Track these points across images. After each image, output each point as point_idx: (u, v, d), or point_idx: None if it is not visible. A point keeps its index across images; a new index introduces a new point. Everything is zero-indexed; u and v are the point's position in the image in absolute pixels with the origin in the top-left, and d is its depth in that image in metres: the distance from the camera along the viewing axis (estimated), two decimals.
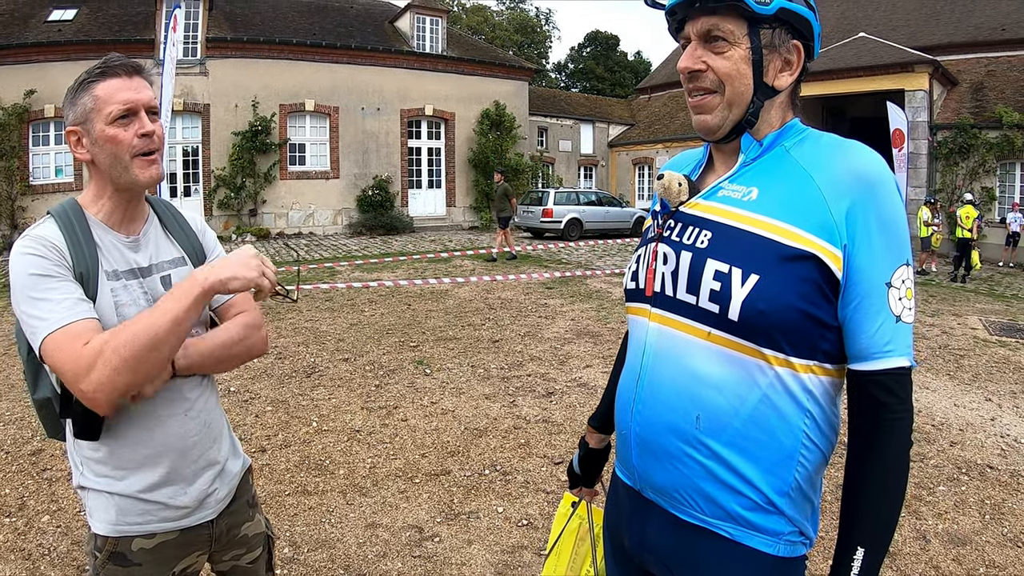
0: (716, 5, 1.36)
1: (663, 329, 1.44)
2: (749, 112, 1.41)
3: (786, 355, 1.31)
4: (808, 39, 1.42)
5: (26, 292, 1.57)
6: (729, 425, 1.35)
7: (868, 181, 1.30)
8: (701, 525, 1.40)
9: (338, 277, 14.13)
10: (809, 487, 1.39)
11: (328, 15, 26.73)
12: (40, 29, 20.94)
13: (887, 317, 1.29)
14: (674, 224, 1.49)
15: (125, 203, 1.79)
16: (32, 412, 5.88)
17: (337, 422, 5.73)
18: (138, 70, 1.75)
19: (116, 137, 1.67)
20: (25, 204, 19.99)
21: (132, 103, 1.69)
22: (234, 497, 1.95)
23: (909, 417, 1.31)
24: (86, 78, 1.72)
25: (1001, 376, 7.61)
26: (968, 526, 4.17)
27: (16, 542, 3.86)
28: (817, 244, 1.29)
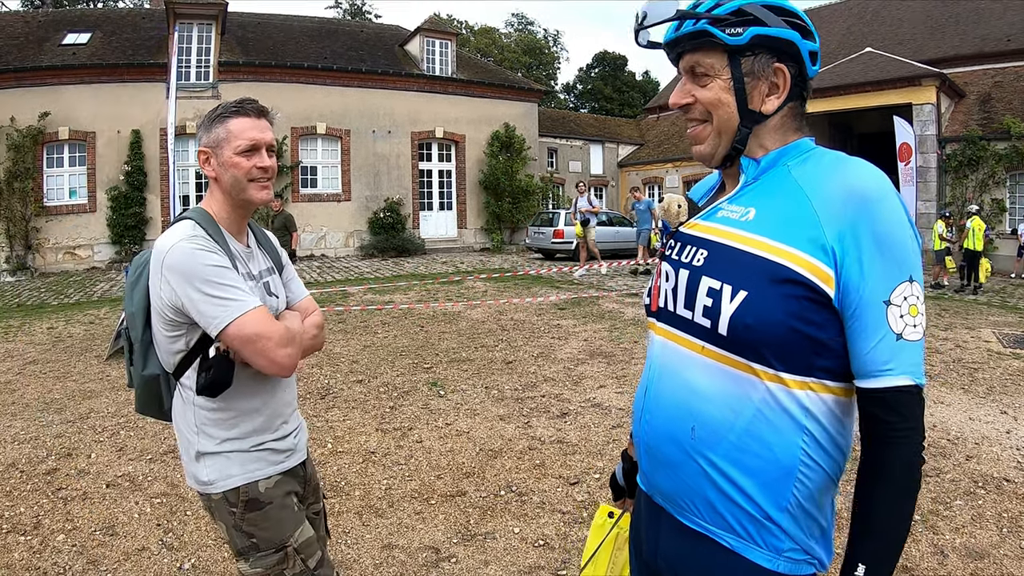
0: (694, 43, 1.45)
1: (666, 342, 1.53)
2: (736, 140, 1.48)
3: (776, 371, 1.34)
4: (796, 59, 1.45)
5: (212, 278, 1.94)
6: (724, 438, 1.39)
7: (863, 197, 1.31)
8: (704, 533, 1.44)
9: (351, 299, 14.18)
10: (813, 506, 1.39)
11: (339, 39, 27.02)
12: (55, 52, 21.29)
13: (886, 335, 1.29)
14: (675, 244, 1.57)
15: (240, 218, 2.21)
16: (47, 431, 5.98)
17: (352, 443, 5.75)
18: (264, 113, 2.17)
19: (240, 164, 2.08)
20: (39, 225, 20.24)
21: (257, 141, 2.10)
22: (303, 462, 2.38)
23: (914, 436, 1.30)
24: (223, 112, 2.11)
25: (1016, 389, 7.57)
26: (986, 540, 4.16)
27: (31, 560, 3.89)
28: (808, 262, 1.32)
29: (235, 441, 2.11)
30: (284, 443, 2.23)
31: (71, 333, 10.97)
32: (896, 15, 31.14)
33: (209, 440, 2.10)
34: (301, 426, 2.37)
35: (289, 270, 2.41)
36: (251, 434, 2.13)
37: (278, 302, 2.25)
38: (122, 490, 4.82)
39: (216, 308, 1.93)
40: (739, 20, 1.41)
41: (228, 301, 1.94)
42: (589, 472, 5.10)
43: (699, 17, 1.42)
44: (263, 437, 2.16)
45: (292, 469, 2.25)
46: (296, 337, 2.07)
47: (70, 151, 20.92)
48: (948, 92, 23.39)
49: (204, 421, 2.10)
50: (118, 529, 4.27)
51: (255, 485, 2.12)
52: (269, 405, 2.18)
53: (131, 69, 21.09)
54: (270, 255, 2.35)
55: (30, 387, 7.60)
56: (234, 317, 1.93)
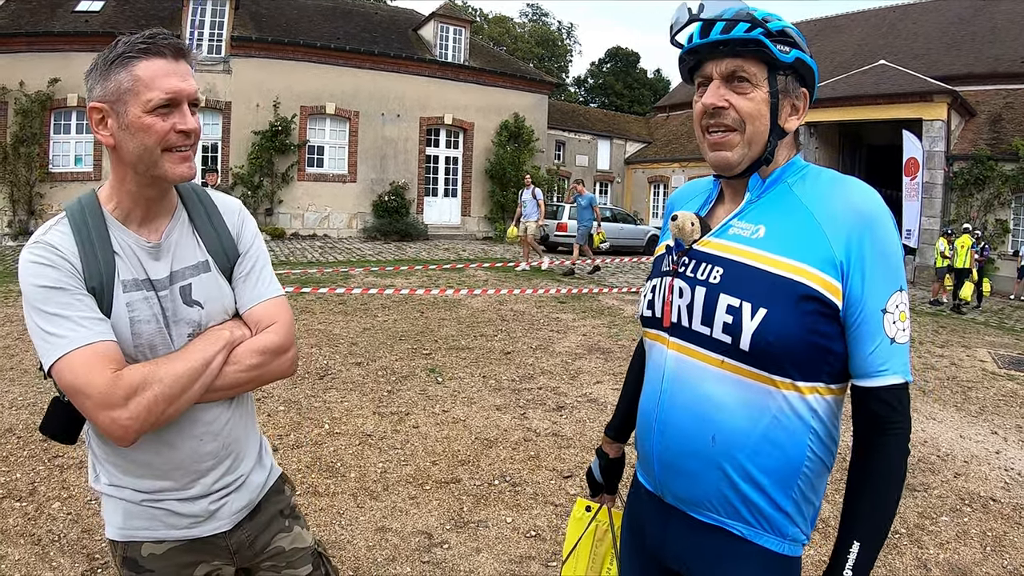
0: (742, 49, 1.48)
1: (680, 357, 1.56)
2: (767, 151, 1.53)
3: (793, 380, 1.44)
4: (812, 88, 1.57)
5: (38, 305, 1.47)
6: (743, 445, 1.47)
7: (865, 216, 1.43)
8: (717, 525, 1.53)
9: (352, 281, 14.20)
10: (811, 492, 1.53)
11: (353, 20, 26.91)
12: (67, 19, 21.16)
13: (883, 339, 1.42)
14: (688, 261, 1.61)
15: (146, 201, 1.62)
16: (45, 398, 5.99)
17: (349, 425, 5.80)
18: (184, 53, 1.57)
19: (151, 127, 1.50)
20: (43, 191, 20.21)
21: (176, 92, 1.52)
22: (258, 508, 1.84)
23: (906, 427, 1.44)
24: (126, 51, 1.51)
25: (1008, 409, 7.62)
26: (969, 557, 4.21)
27: (26, 527, 3.93)
28: (819, 278, 1.42)
29: (124, 489, 1.65)
30: (192, 506, 1.68)
31: None
32: (912, 29, 31.10)
33: (102, 478, 1.69)
34: (243, 486, 1.79)
35: (247, 261, 1.78)
36: (143, 485, 1.65)
37: (202, 313, 1.67)
38: None
39: (41, 345, 1.48)
40: (784, 40, 1.49)
41: (51, 336, 1.46)
42: (583, 466, 5.14)
43: (758, 24, 1.47)
44: (160, 493, 1.66)
45: (203, 539, 1.73)
46: (145, 390, 1.46)
47: (78, 118, 20.83)
48: (959, 110, 23.40)
49: (98, 459, 1.68)
50: None
51: (136, 545, 1.69)
52: (164, 460, 1.63)
53: None
54: (211, 243, 1.73)
55: (29, 353, 7.60)
56: (52, 360, 1.45)
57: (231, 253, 1.76)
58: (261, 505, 1.85)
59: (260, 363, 1.67)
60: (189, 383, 1.53)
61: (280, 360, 1.71)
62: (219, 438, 1.69)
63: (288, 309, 1.81)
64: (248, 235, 1.81)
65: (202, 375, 1.56)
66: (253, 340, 1.68)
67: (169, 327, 1.62)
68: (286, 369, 1.74)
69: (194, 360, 1.55)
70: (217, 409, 1.69)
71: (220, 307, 1.71)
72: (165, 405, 1.49)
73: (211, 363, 1.58)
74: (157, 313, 1.60)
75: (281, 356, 1.71)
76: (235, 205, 1.84)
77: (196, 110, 1.61)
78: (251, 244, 1.81)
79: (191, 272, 1.67)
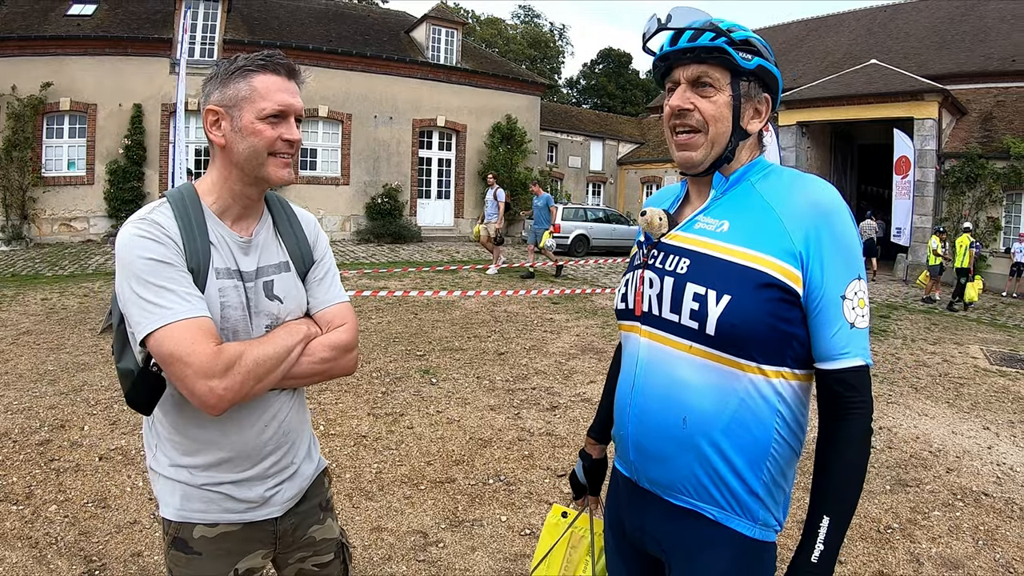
0: (707, 56, 1.59)
1: (652, 344, 1.65)
2: (728, 150, 1.64)
3: (758, 363, 1.53)
4: (774, 93, 1.68)
5: (143, 276, 1.56)
6: (713, 426, 1.55)
7: (822, 210, 1.53)
8: (691, 508, 1.61)
9: (346, 284, 14.15)
10: (781, 478, 1.60)
11: (345, 22, 26.90)
12: (59, 23, 21.08)
13: (843, 324, 1.51)
14: (657, 253, 1.71)
15: (245, 199, 1.77)
16: (40, 402, 6.02)
17: (344, 427, 5.82)
18: (296, 74, 1.77)
19: (262, 132, 1.66)
20: (36, 195, 20.10)
21: (287, 106, 1.70)
22: (304, 498, 1.96)
23: (867, 407, 1.51)
24: (246, 64, 1.70)
25: (1000, 406, 7.68)
26: (961, 551, 4.24)
27: (23, 530, 3.93)
28: (780, 266, 1.52)
29: (185, 471, 1.74)
30: (249, 491, 1.79)
31: (65, 305, 10.99)
32: (903, 29, 31.19)
33: (161, 459, 1.77)
34: (295, 474, 1.91)
35: (320, 268, 1.95)
36: (205, 468, 1.74)
37: (281, 307, 1.81)
38: (115, 463, 4.87)
39: (140, 313, 1.55)
40: (747, 48, 1.61)
41: (153, 307, 1.54)
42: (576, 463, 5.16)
43: (722, 33, 1.58)
44: (219, 477, 1.75)
45: (254, 524, 1.83)
46: (240, 365, 1.59)
47: (70, 122, 20.78)
48: (950, 108, 23.48)
49: (161, 439, 1.78)
50: (110, 502, 4.31)
51: (188, 527, 1.77)
52: (230, 441, 1.74)
53: (135, 43, 20.94)
54: (291, 247, 1.89)
55: (23, 357, 7.63)
56: (153, 328, 1.53)
57: (307, 258, 1.93)
58: (307, 495, 1.98)
59: (331, 357, 1.83)
60: (275, 366, 1.68)
61: (347, 357, 1.87)
62: (281, 426, 1.83)
63: (354, 314, 1.97)
64: (323, 245, 1.99)
65: (284, 360, 1.71)
66: (326, 336, 1.84)
67: (251, 317, 1.76)
68: (350, 366, 1.90)
69: (280, 346, 1.71)
70: (283, 397, 1.84)
71: (296, 304, 1.86)
72: (255, 382, 1.63)
73: (292, 351, 1.74)
74: (243, 302, 1.74)
75: (348, 354, 1.88)
76: (312, 218, 2.03)
77: (300, 124, 1.78)
78: (325, 253, 1.99)
79: (274, 270, 1.83)
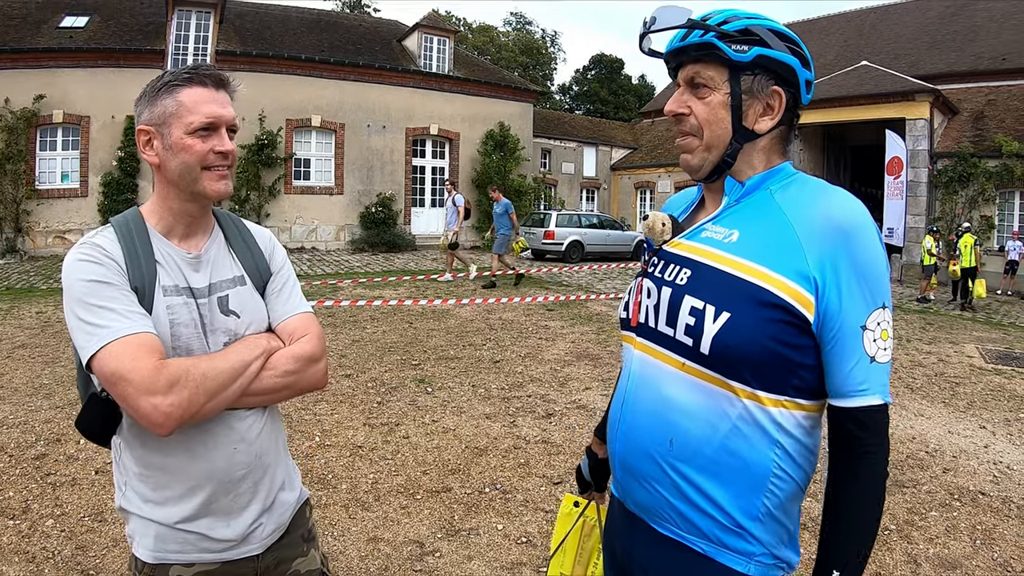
0: (698, 54, 1.48)
1: (645, 357, 1.55)
2: (726, 154, 1.51)
3: (752, 388, 1.39)
4: (793, 85, 1.50)
5: (83, 298, 1.52)
6: (701, 452, 1.43)
7: (844, 230, 1.36)
8: (678, 539, 1.49)
9: (340, 293, 14.22)
10: (782, 513, 1.45)
11: (337, 32, 26.98)
12: (52, 35, 21.18)
13: (861, 358, 1.36)
14: (658, 261, 1.60)
15: (187, 216, 1.72)
16: (36, 416, 6.00)
17: (339, 437, 5.80)
18: (225, 83, 1.71)
19: (191, 147, 1.62)
20: (30, 208, 20.17)
21: (216, 117, 1.65)
22: (286, 531, 1.86)
23: (883, 451, 1.38)
24: (172, 80, 1.65)
25: (996, 404, 7.69)
26: (959, 551, 4.24)
27: (20, 544, 3.92)
28: (790, 288, 1.37)
29: (156, 507, 1.65)
30: (226, 529, 1.69)
31: (60, 318, 10.93)
32: (893, 30, 31.34)
33: (132, 497, 1.70)
34: (274, 505, 1.80)
35: (278, 279, 1.88)
36: (177, 501, 1.65)
37: (238, 322, 1.73)
38: (111, 477, 4.81)
39: (83, 337, 1.51)
40: (745, 39, 1.45)
41: (94, 327, 1.50)
42: (573, 473, 5.15)
43: (708, 29, 1.45)
44: (193, 511, 1.65)
45: (233, 562, 1.74)
46: (187, 380, 1.50)
47: (64, 135, 20.85)
48: (942, 108, 23.57)
49: (129, 475, 1.70)
50: (107, 515, 4.30)
51: (164, 568, 1.68)
52: (198, 468, 1.64)
53: (128, 54, 21.00)
54: (245, 261, 1.83)
55: (19, 371, 7.61)
56: (95, 349, 1.48)
57: (264, 271, 1.85)
58: (289, 528, 1.88)
59: (295, 370, 1.73)
60: (229, 380, 1.58)
61: (314, 369, 1.78)
62: (252, 448, 1.72)
63: (318, 324, 1.88)
64: (279, 257, 1.93)
65: (241, 375, 1.61)
66: (289, 348, 1.75)
67: (206, 334, 1.68)
68: (319, 379, 1.81)
69: (235, 360, 1.61)
70: (251, 418, 1.73)
71: (255, 318, 1.78)
72: (205, 399, 1.53)
73: (250, 365, 1.64)
74: (195, 319, 1.67)
75: (315, 365, 1.78)
76: (267, 232, 1.97)
77: (234, 135, 1.73)
78: (282, 264, 1.92)
79: (228, 284, 1.76)
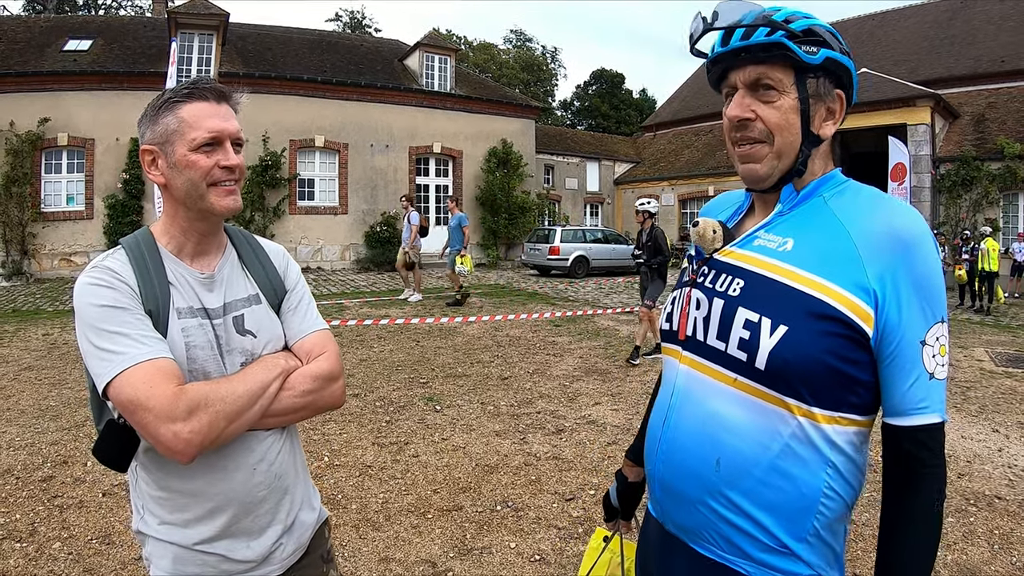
0: (765, 55, 1.38)
1: (692, 372, 1.47)
2: (799, 161, 1.43)
3: (808, 406, 1.32)
4: (849, 88, 1.45)
5: (96, 324, 1.49)
6: (750, 473, 1.36)
7: (904, 241, 1.31)
8: (720, 561, 1.41)
9: (347, 313, 14.21)
10: (829, 534, 1.39)
11: (339, 52, 27.13)
12: (56, 58, 21.40)
13: (921, 374, 1.31)
14: (708, 271, 1.52)
15: (198, 235, 1.68)
16: (43, 438, 6.00)
17: (349, 457, 5.77)
18: (227, 96, 1.69)
19: (196, 163, 1.58)
20: (36, 231, 20.31)
21: (219, 132, 1.61)
22: (306, 552, 1.83)
23: (942, 470, 1.32)
24: (172, 97, 1.62)
25: (1008, 407, 7.64)
26: (977, 556, 4.19)
27: (27, 568, 3.89)
28: (849, 300, 1.31)
29: (175, 529, 1.62)
30: (246, 550, 1.66)
31: (66, 340, 10.95)
32: (892, 36, 31.41)
33: (150, 520, 1.65)
34: (294, 526, 1.77)
35: (294, 297, 1.85)
36: (196, 523, 1.61)
37: (255, 342, 1.70)
38: (118, 499, 4.83)
39: (98, 364, 1.47)
40: (811, 39, 1.38)
41: (109, 354, 1.46)
42: (584, 488, 5.13)
43: (777, 27, 1.36)
44: (212, 532, 1.62)
45: None
46: (207, 405, 1.48)
47: (69, 157, 21.01)
48: (943, 112, 23.58)
49: (146, 498, 1.65)
50: (114, 538, 4.27)
51: None
52: (218, 490, 1.61)
53: (131, 77, 21.16)
54: (260, 279, 1.80)
55: (25, 393, 7.62)
56: (111, 376, 1.45)
57: (279, 289, 1.82)
58: (309, 548, 1.85)
59: (313, 389, 1.70)
60: (248, 404, 1.56)
61: (332, 388, 1.75)
62: (272, 469, 1.69)
63: (335, 342, 1.85)
64: (293, 274, 1.90)
65: (260, 398, 1.58)
66: (307, 367, 1.72)
67: (223, 355, 1.65)
68: (337, 397, 1.77)
69: (253, 382, 1.59)
70: (270, 439, 1.70)
71: (271, 337, 1.75)
72: (225, 423, 1.51)
73: (269, 387, 1.61)
74: (211, 340, 1.63)
75: (333, 384, 1.75)
76: (280, 248, 1.94)
77: (240, 148, 1.69)
78: (297, 282, 1.89)
79: (243, 304, 1.72)
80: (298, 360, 1.75)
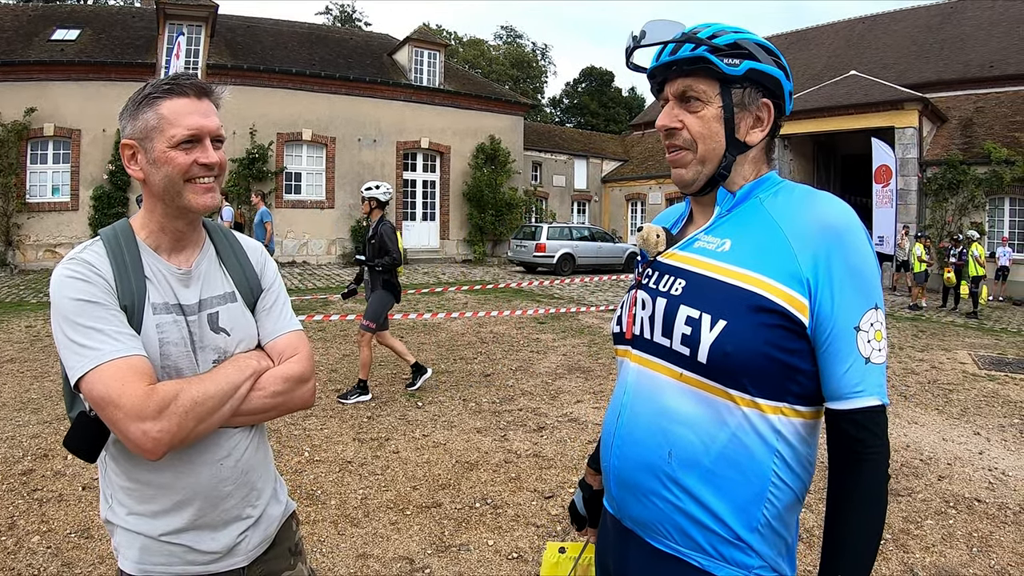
0: (690, 68, 1.48)
1: (641, 369, 1.53)
2: (721, 166, 1.51)
3: (752, 396, 1.38)
4: (779, 97, 1.52)
5: (71, 318, 1.49)
6: (700, 463, 1.41)
7: (834, 230, 1.38)
8: (674, 554, 1.46)
9: (331, 308, 14.15)
10: (780, 525, 1.44)
11: (328, 46, 27.02)
12: (43, 48, 21.22)
13: (856, 359, 1.36)
14: (652, 272, 1.60)
15: (175, 230, 1.68)
16: (23, 431, 5.95)
17: (329, 452, 5.75)
18: (208, 92, 1.67)
19: (174, 160, 1.58)
20: (20, 221, 20.18)
21: (198, 129, 1.61)
22: (272, 543, 1.84)
23: (883, 452, 1.36)
24: (152, 92, 1.61)
25: (990, 410, 7.68)
26: (956, 559, 4.21)
27: (5, 561, 3.87)
28: (784, 292, 1.37)
29: (142, 519, 1.63)
30: (211, 542, 1.67)
31: (49, 332, 10.85)
32: (881, 39, 31.54)
33: (118, 509, 1.66)
34: (260, 519, 1.79)
35: (269, 296, 1.86)
36: (163, 515, 1.63)
37: (228, 340, 1.71)
38: (97, 493, 4.78)
39: (72, 357, 1.48)
40: (735, 52, 1.47)
41: (83, 349, 1.47)
42: (564, 486, 5.12)
43: (700, 43, 1.46)
44: (178, 524, 1.63)
45: (218, 575, 1.72)
46: (177, 405, 1.48)
47: (54, 148, 20.85)
48: (930, 116, 23.67)
49: (115, 488, 1.66)
50: (93, 532, 4.24)
51: None
52: (184, 483, 1.63)
53: (119, 68, 21.01)
54: (236, 276, 1.81)
55: (7, 386, 7.56)
56: (84, 371, 1.46)
57: (255, 287, 1.83)
58: (275, 540, 1.86)
59: (284, 390, 1.72)
60: (219, 404, 1.57)
61: (302, 389, 1.76)
62: (238, 465, 1.71)
63: (308, 342, 1.86)
64: (270, 273, 1.89)
65: (231, 398, 1.60)
66: (278, 368, 1.73)
67: (196, 352, 1.66)
68: (307, 399, 1.79)
69: (225, 382, 1.60)
70: (238, 436, 1.71)
71: (245, 336, 1.76)
72: (195, 423, 1.52)
73: (240, 387, 1.62)
74: (185, 337, 1.64)
75: (303, 386, 1.76)
76: (258, 245, 1.94)
77: (220, 145, 1.69)
78: (273, 281, 1.89)
79: (219, 301, 1.73)
80: (270, 360, 1.76)
